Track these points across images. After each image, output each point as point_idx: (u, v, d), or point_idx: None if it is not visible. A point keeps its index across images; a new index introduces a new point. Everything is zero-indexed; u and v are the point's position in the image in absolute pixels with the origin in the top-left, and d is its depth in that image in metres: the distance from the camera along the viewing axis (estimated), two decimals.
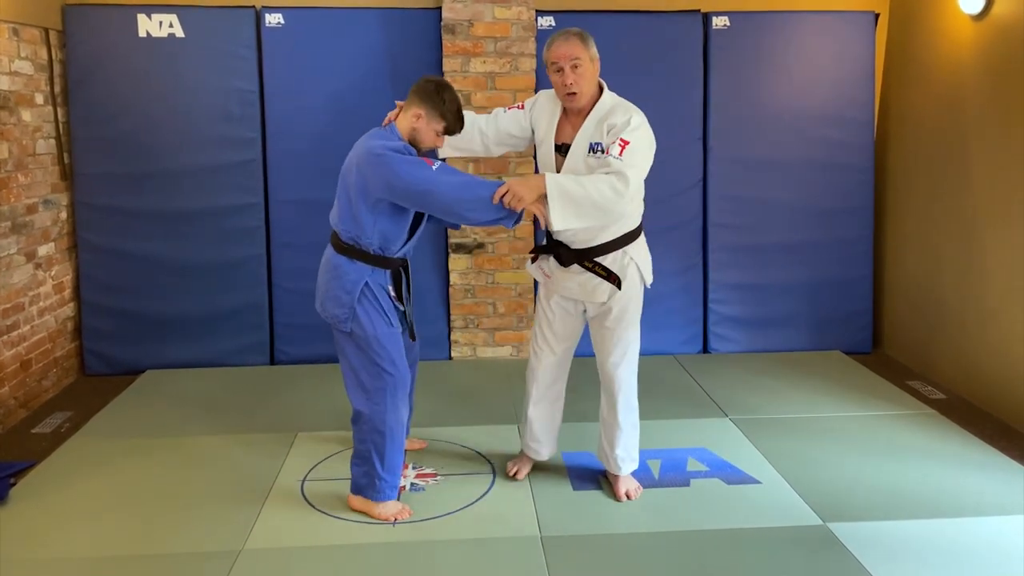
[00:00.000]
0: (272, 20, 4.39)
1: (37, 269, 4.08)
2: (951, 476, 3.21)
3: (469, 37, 4.36)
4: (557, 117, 2.90)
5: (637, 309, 2.97)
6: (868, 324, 4.86)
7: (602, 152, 2.75)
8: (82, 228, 4.42)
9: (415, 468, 3.31)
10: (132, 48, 4.35)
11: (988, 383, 3.95)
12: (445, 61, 4.38)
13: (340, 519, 2.91)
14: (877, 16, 4.71)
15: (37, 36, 4.10)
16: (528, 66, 4.41)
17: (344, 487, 3.03)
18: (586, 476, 3.22)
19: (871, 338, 4.89)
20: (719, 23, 4.60)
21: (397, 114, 2.87)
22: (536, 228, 4.53)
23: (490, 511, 2.98)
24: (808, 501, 3.02)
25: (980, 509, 2.96)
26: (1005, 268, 3.82)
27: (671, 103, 4.59)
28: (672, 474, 3.25)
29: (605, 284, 2.88)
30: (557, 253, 2.93)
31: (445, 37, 4.36)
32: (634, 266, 2.90)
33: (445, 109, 2.78)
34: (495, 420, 3.78)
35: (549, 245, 2.98)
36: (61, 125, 4.31)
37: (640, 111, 2.80)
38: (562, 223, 2.67)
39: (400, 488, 3.12)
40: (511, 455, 3.39)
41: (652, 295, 3.06)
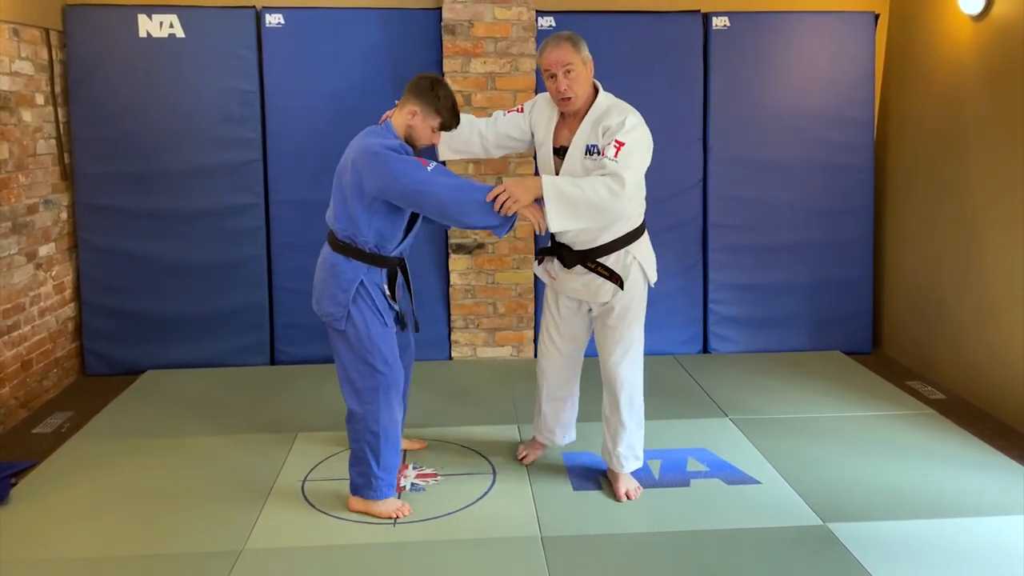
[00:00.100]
0: (272, 20, 4.39)
1: (38, 269, 4.08)
2: (951, 476, 3.22)
3: (469, 37, 4.36)
4: (555, 120, 2.92)
5: (640, 308, 2.98)
6: (868, 324, 4.86)
7: (598, 154, 2.76)
8: (82, 228, 4.43)
9: (415, 468, 3.31)
10: (132, 48, 4.35)
11: (988, 383, 3.95)
12: (445, 61, 4.38)
13: (341, 519, 2.92)
14: (877, 16, 4.71)
15: (37, 36, 4.10)
16: (528, 66, 4.41)
17: (345, 487, 3.03)
18: (586, 476, 3.23)
19: (871, 338, 4.89)
20: (719, 23, 4.60)
21: (393, 112, 2.86)
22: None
23: (490, 511, 2.98)
24: (808, 501, 3.02)
25: (980, 509, 2.96)
26: (1005, 268, 3.82)
27: (671, 103, 4.60)
28: (672, 474, 3.25)
29: (608, 284, 2.90)
30: (560, 255, 2.95)
31: (445, 37, 4.36)
32: (637, 265, 2.91)
33: (440, 105, 2.77)
34: (495, 420, 3.78)
35: (553, 247, 3.00)
36: (61, 125, 4.31)
37: (636, 112, 2.80)
38: (559, 225, 2.68)
39: (400, 488, 3.13)
40: (511, 455, 3.40)
41: (652, 295, 3.06)
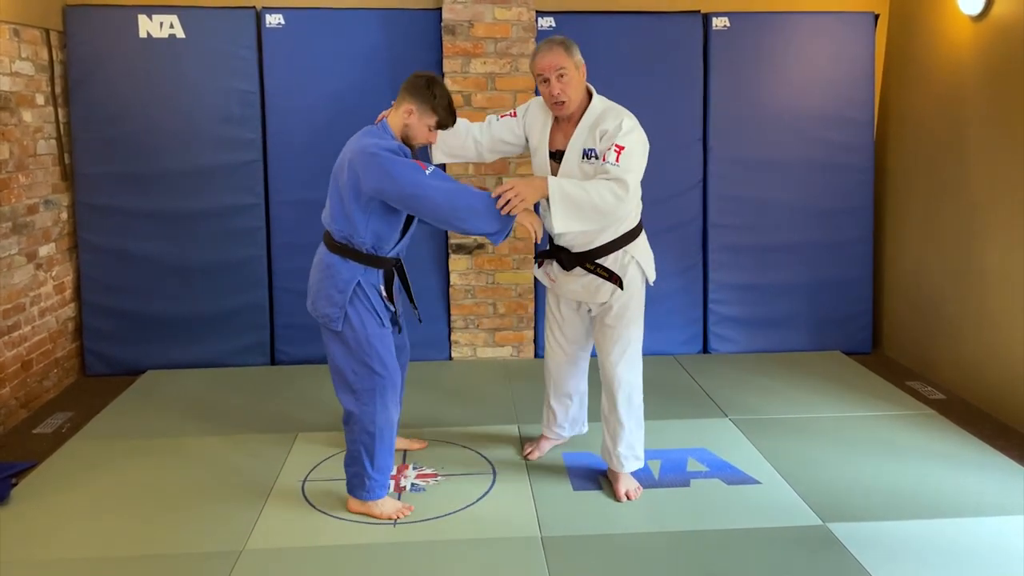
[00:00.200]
0: (272, 21, 4.39)
1: (38, 269, 4.08)
2: (951, 476, 3.22)
3: (469, 38, 4.36)
4: (549, 125, 2.93)
5: (639, 307, 2.98)
6: (868, 324, 4.86)
7: (595, 157, 2.76)
8: (83, 228, 4.43)
9: (415, 468, 3.31)
10: (132, 49, 4.35)
11: (987, 383, 3.95)
12: (445, 62, 4.38)
13: (341, 519, 2.92)
14: (877, 17, 4.71)
15: (38, 37, 4.10)
16: (528, 67, 4.40)
17: (345, 487, 3.03)
18: (586, 476, 3.23)
19: (871, 338, 4.89)
20: (719, 24, 4.60)
21: (389, 112, 2.86)
22: None
23: (490, 511, 2.98)
24: (808, 501, 3.02)
25: (980, 509, 2.96)
26: (1005, 268, 3.82)
27: (671, 104, 4.60)
28: (672, 474, 3.25)
29: (607, 285, 2.91)
30: (559, 258, 2.96)
31: (445, 38, 4.36)
32: (635, 264, 2.92)
33: (436, 103, 2.76)
34: (495, 420, 3.78)
35: (551, 250, 3.01)
36: (62, 126, 4.31)
37: (631, 114, 2.81)
38: (564, 225, 2.69)
39: (400, 488, 3.13)
40: (511, 455, 3.40)
41: (652, 295, 3.07)
